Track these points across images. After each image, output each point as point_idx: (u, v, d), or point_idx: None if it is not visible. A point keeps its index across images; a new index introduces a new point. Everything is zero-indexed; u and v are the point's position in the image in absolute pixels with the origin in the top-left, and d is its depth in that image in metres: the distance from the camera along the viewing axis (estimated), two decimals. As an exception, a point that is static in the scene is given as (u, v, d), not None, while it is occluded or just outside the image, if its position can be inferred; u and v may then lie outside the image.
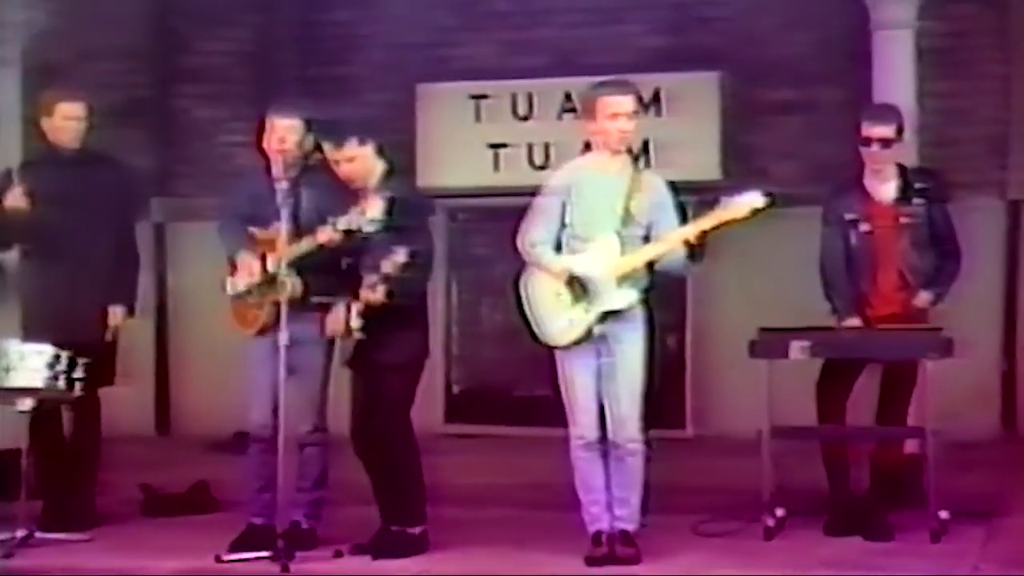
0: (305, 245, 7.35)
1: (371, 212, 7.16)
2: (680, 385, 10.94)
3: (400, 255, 7.09)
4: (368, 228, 7.17)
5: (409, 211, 7.33)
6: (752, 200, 7.08)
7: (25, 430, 8.06)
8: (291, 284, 7.37)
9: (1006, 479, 8.84)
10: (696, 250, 7.13)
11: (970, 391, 9.62)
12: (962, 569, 6.96)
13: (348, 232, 7.22)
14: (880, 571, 6.96)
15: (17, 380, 7.76)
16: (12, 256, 8.65)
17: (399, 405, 7.42)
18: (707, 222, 7.10)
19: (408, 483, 7.43)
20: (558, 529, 7.49)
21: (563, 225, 7.20)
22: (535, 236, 7.23)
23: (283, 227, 7.37)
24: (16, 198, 8.15)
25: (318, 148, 7.59)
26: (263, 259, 7.55)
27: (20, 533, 7.65)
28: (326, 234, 7.27)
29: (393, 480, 7.43)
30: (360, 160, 7.46)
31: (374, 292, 7.18)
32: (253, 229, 7.64)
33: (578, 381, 7.16)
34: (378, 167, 7.50)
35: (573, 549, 7.20)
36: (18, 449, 7.89)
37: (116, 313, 8.31)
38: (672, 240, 7.12)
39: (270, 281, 7.50)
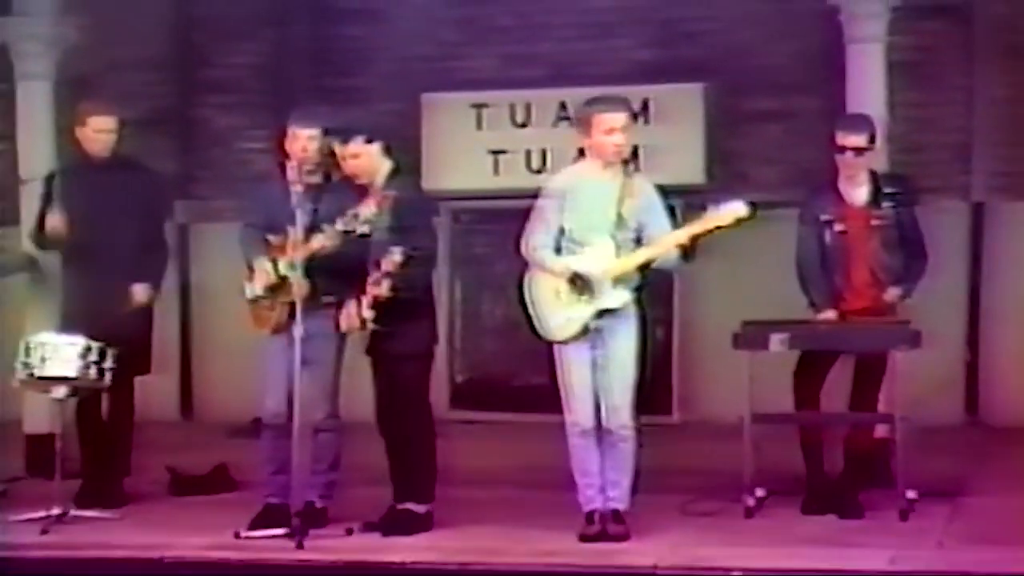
0: (311, 247, 7.39)
1: (364, 214, 7.21)
2: (667, 374, 10.94)
3: (396, 255, 7.14)
4: (363, 229, 7.23)
5: (414, 211, 7.37)
6: (736, 210, 7.14)
7: (72, 414, 8.17)
8: (298, 285, 7.40)
9: (969, 462, 8.91)
10: (687, 251, 7.22)
11: (936, 380, 9.62)
12: (928, 545, 6.99)
13: (346, 233, 7.27)
14: (852, 547, 6.99)
15: (51, 370, 7.81)
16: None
17: (416, 391, 7.46)
18: (695, 228, 7.16)
19: (422, 462, 7.46)
20: (554, 508, 7.51)
21: (561, 231, 7.24)
22: (536, 241, 7.27)
23: (295, 231, 7.39)
24: (55, 220, 8.21)
25: (331, 153, 7.63)
26: (274, 263, 7.60)
27: (55, 511, 7.68)
28: (326, 237, 7.33)
29: (409, 459, 7.45)
30: (365, 157, 7.46)
31: (378, 287, 7.23)
32: (269, 236, 7.67)
33: (575, 372, 7.19)
34: (384, 166, 7.51)
35: (568, 527, 7.23)
36: (52, 433, 7.97)
37: (138, 290, 8.28)
38: (664, 245, 7.17)
39: (281, 282, 7.56)
